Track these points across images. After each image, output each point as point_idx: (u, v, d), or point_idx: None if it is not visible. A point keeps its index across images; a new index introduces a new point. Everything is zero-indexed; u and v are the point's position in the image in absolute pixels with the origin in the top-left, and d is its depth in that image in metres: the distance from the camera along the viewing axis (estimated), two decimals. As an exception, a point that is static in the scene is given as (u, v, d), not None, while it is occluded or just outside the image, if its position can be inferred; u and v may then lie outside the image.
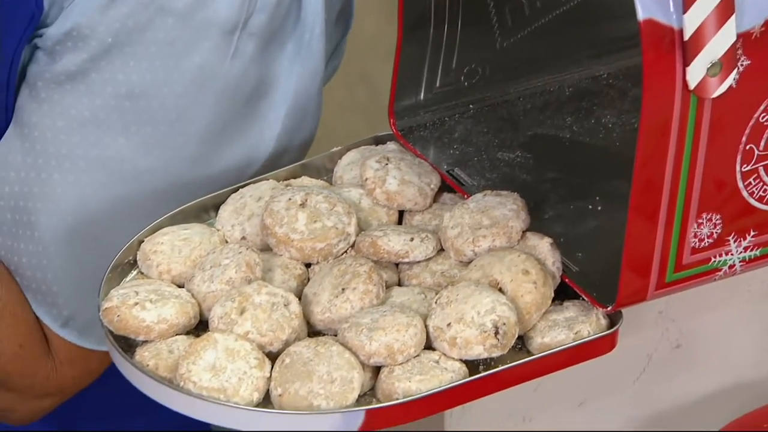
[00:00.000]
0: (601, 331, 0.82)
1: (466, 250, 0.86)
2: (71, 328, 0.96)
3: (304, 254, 0.86)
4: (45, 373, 0.97)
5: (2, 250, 0.95)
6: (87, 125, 0.93)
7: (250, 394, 0.78)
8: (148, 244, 0.87)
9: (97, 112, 0.93)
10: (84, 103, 0.93)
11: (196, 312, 0.83)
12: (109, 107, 0.92)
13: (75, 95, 0.93)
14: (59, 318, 0.95)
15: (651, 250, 0.81)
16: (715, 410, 0.91)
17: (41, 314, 0.96)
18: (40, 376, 0.97)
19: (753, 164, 0.81)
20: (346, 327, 0.82)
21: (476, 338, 0.81)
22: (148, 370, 0.80)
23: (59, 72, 0.92)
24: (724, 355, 0.93)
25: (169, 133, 0.93)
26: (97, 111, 0.93)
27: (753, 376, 0.93)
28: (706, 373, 0.92)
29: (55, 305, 0.95)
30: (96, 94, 0.92)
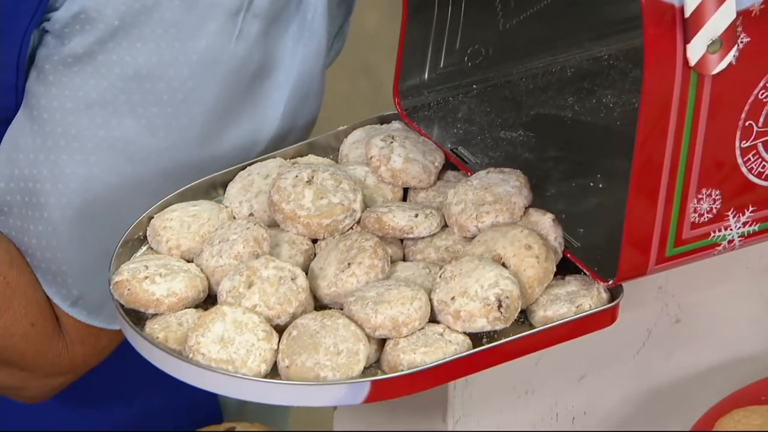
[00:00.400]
0: (602, 305, 0.81)
1: (470, 226, 0.85)
2: (81, 307, 0.96)
3: (311, 230, 0.85)
4: (56, 352, 0.97)
5: (13, 231, 0.95)
6: (94, 107, 0.92)
7: (257, 366, 0.78)
8: (157, 220, 0.86)
9: (105, 94, 0.92)
10: (91, 84, 0.92)
11: (205, 286, 0.83)
12: (116, 89, 0.92)
13: (82, 77, 0.92)
14: (69, 297, 0.95)
15: (651, 226, 0.81)
16: (713, 384, 0.90)
17: (51, 294, 0.95)
18: (51, 354, 0.97)
19: (752, 140, 0.80)
20: (352, 300, 0.81)
21: (480, 311, 0.80)
22: (158, 342, 0.79)
23: (67, 54, 0.92)
24: (723, 330, 0.92)
25: (175, 114, 0.93)
26: (104, 93, 0.92)
27: (751, 351, 0.93)
28: (705, 347, 0.92)
29: (64, 285, 0.95)
30: (103, 76, 0.92)
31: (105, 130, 0.92)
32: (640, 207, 0.80)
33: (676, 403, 0.91)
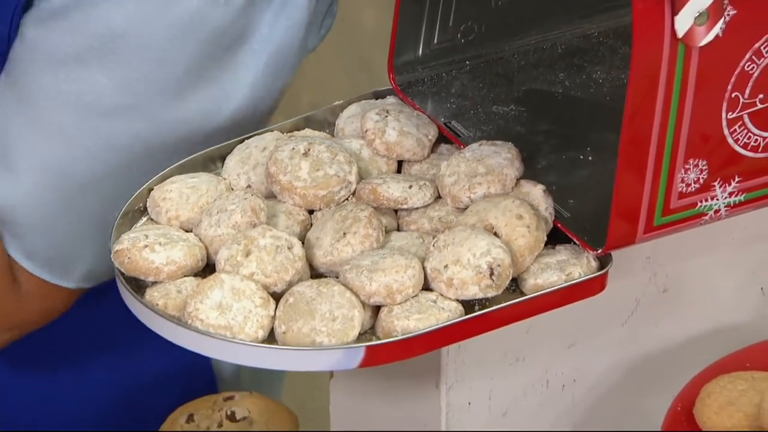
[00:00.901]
0: (591, 273, 0.81)
1: (463, 197, 0.84)
2: (35, 260, 0.94)
3: (307, 201, 0.84)
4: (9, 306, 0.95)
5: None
6: (70, 62, 0.90)
7: (255, 332, 0.77)
8: (157, 191, 0.85)
9: (80, 50, 0.90)
10: (67, 41, 0.90)
11: (204, 255, 0.82)
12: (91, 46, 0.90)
13: (58, 33, 0.90)
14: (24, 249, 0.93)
15: (639, 197, 0.80)
16: (700, 352, 0.90)
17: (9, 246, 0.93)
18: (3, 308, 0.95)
19: (738, 112, 0.79)
20: (347, 269, 0.80)
21: (472, 279, 0.79)
22: (157, 309, 0.78)
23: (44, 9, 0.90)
24: (709, 299, 0.91)
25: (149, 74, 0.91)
26: (79, 49, 0.90)
27: (735, 319, 0.92)
28: (691, 316, 0.91)
29: (23, 237, 0.93)
30: (79, 32, 0.90)
31: (78, 85, 0.91)
32: (629, 179, 0.79)
33: (663, 370, 0.90)
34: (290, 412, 1.00)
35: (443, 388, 0.86)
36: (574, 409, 0.90)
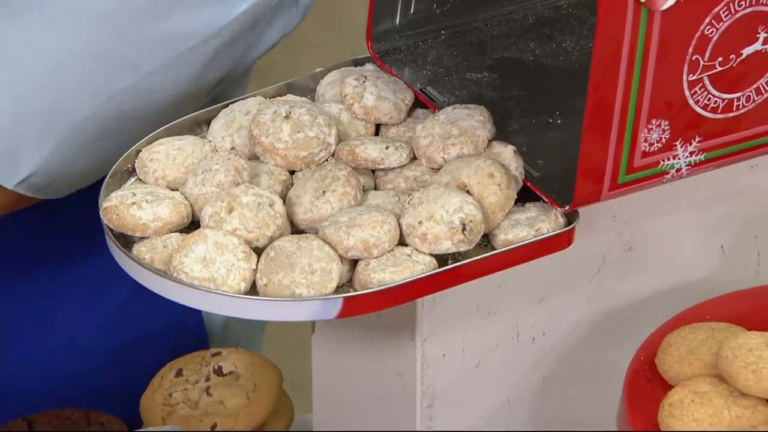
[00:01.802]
0: (559, 229, 0.80)
1: (437, 158, 0.83)
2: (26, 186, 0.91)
3: (288, 162, 0.83)
4: None
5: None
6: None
7: (237, 284, 0.76)
8: (145, 152, 0.85)
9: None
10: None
11: (189, 212, 0.81)
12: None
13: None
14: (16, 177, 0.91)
15: (604, 158, 0.79)
16: (663, 306, 0.89)
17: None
18: None
19: (698, 74, 0.79)
20: (326, 225, 0.79)
21: (445, 234, 0.78)
22: (144, 263, 0.78)
23: None
24: (672, 257, 0.91)
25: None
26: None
27: (697, 276, 0.91)
28: (655, 272, 0.90)
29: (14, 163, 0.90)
30: None
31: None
32: (594, 140, 0.78)
33: (629, 323, 0.90)
34: (275, 366, 0.99)
35: (418, 340, 0.85)
36: (543, 360, 0.89)
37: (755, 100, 0.81)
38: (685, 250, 0.91)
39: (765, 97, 0.80)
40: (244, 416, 0.94)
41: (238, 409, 0.94)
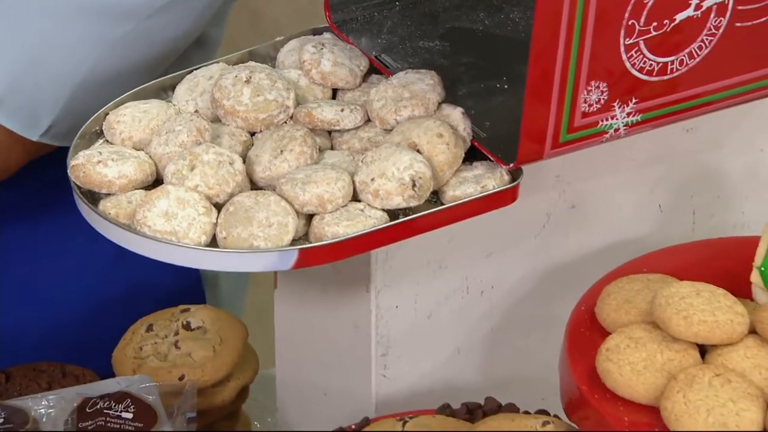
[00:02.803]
0: (504, 185, 0.80)
1: (389, 119, 0.83)
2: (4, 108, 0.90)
3: (249, 123, 0.82)
4: None
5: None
6: None
7: (198, 237, 0.75)
8: (112, 115, 0.84)
9: None
10: None
11: (153, 170, 0.80)
12: None
13: None
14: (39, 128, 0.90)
15: (546, 120, 0.78)
16: (603, 262, 0.88)
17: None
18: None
19: (634, 38, 0.78)
20: (283, 181, 0.78)
21: (396, 190, 0.78)
22: (109, 217, 0.77)
23: None
24: (612, 215, 0.90)
25: None
26: None
27: (636, 233, 0.91)
28: (597, 230, 0.90)
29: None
30: None
31: None
32: (536, 103, 0.77)
33: (572, 278, 0.89)
34: (240, 321, 0.98)
35: (373, 292, 0.84)
36: (491, 312, 0.89)
37: (688, 63, 0.80)
38: (624, 208, 0.91)
39: (697, 61, 0.80)
40: (210, 368, 0.93)
41: (204, 361, 0.94)
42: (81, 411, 0.83)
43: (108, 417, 0.83)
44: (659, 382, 0.75)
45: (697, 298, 0.77)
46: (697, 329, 0.76)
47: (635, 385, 0.75)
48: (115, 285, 1.05)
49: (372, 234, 0.76)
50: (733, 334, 0.76)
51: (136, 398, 0.85)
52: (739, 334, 0.76)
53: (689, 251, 0.86)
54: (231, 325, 0.98)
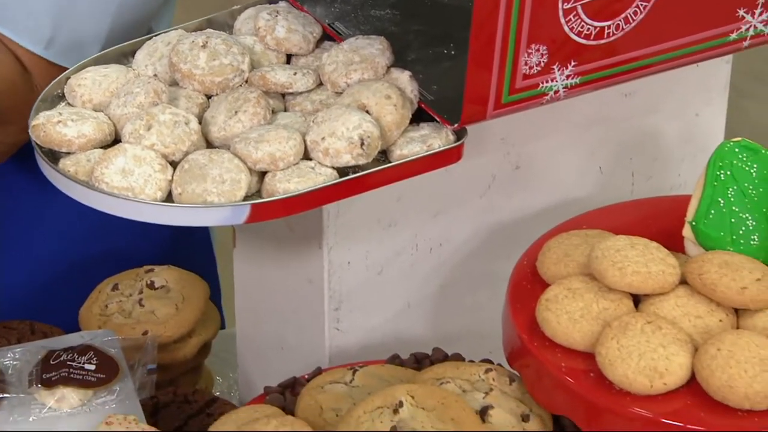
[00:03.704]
0: (449, 145, 0.79)
1: (340, 82, 0.82)
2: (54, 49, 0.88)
3: (205, 87, 0.81)
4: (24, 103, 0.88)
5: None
6: None
7: (154, 193, 0.74)
8: (73, 79, 0.82)
9: None
10: None
11: (112, 130, 0.79)
12: None
13: None
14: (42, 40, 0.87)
15: (488, 81, 0.77)
16: (546, 221, 0.88)
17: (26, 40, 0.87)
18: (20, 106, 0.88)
19: (572, 3, 0.77)
20: (237, 140, 0.77)
21: (345, 148, 0.77)
22: (69, 175, 0.75)
23: None
24: (555, 176, 0.89)
25: None
26: None
27: (577, 194, 0.90)
28: (540, 190, 0.89)
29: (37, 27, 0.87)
30: None
31: None
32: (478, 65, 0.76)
33: (516, 236, 0.88)
34: (202, 280, 0.97)
35: (325, 249, 0.83)
36: (440, 269, 0.88)
37: (624, 28, 0.79)
38: (566, 170, 0.90)
39: (633, 26, 0.79)
40: (172, 324, 0.92)
41: (167, 318, 0.93)
42: (45, 363, 0.82)
43: (71, 368, 0.82)
44: (595, 329, 0.74)
45: (632, 251, 0.77)
46: (631, 280, 0.75)
47: (572, 332, 0.75)
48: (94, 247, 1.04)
49: (322, 190, 0.75)
50: (664, 284, 0.76)
51: (98, 351, 0.84)
52: (671, 284, 0.76)
53: (626, 209, 0.86)
54: (193, 285, 0.97)
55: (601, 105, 0.88)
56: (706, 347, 0.72)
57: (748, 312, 0.75)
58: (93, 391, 0.81)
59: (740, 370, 0.70)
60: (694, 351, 0.73)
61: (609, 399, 0.72)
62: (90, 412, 0.81)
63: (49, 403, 0.80)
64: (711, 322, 0.74)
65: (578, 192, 0.91)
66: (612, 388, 0.73)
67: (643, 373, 0.71)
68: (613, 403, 0.72)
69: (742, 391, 0.70)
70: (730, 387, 0.70)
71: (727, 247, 0.78)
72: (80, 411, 0.80)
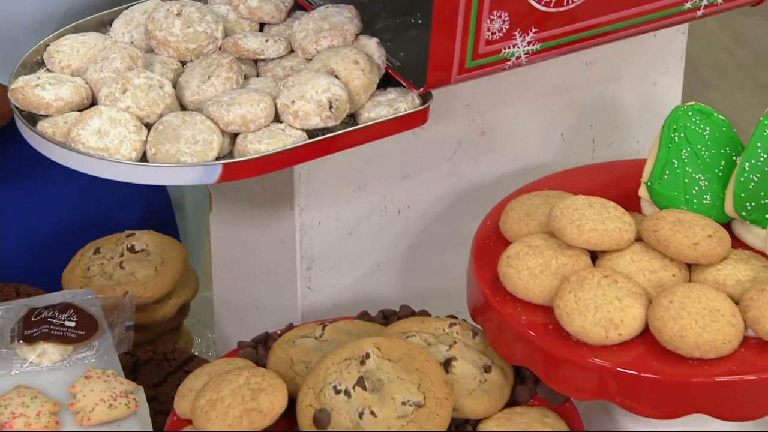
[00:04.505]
0: (415, 108, 0.78)
1: (310, 49, 0.81)
2: None
3: (180, 53, 0.80)
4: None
5: None
6: None
7: (129, 153, 0.73)
8: (52, 46, 0.81)
9: None
10: None
11: (89, 94, 0.78)
12: None
13: None
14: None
15: (452, 46, 0.76)
16: (510, 185, 0.87)
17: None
18: None
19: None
20: (209, 103, 0.76)
21: (314, 111, 0.76)
22: (47, 136, 0.74)
23: None
24: (519, 142, 0.89)
25: None
26: None
27: (540, 160, 0.90)
28: (504, 155, 0.88)
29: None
30: None
31: None
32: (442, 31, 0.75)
33: (481, 199, 0.88)
34: (181, 244, 0.96)
35: (297, 210, 0.83)
36: (408, 231, 0.87)
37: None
38: (530, 136, 0.89)
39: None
40: (152, 285, 0.91)
41: (146, 280, 0.92)
42: (27, 320, 0.81)
43: (52, 325, 0.81)
44: (554, 284, 0.74)
45: (590, 210, 0.76)
46: (588, 236, 0.75)
47: (532, 287, 0.74)
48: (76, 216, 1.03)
49: (291, 150, 0.74)
50: (620, 241, 0.75)
51: (78, 308, 0.83)
52: (626, 241, 0.76)
53: (586, 173, 0.85)
54: (172, 248, 0.97)
55: (563, 73, 0.87)
56: (659, 299, 0.72)
57: (700, 267, 0.75)
58: (73, 346, 0.80)
59: (691, 320, 0.70)
60: (648, 304, 0.73)
61: (566, 350, 0.71)
62: (70, 366, 0.80)
63: (30, 358, 0.79)
64: (664, 276, 0.74)
65: (541, 157, 0.90)
66: (569, 340, 0.72)
67: (599, 324, 0.71)
68: (571, 353, 0.71)
69: (692, 340, 0.70)
70: (682, 337, 0.70)
71: (680, 206, 0.77)
72: (60, 366, 0.79)
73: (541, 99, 0.88)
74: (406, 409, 0.71)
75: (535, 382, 0.75)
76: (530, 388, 0.75)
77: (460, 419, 0.74)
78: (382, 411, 0.71)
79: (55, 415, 0.76)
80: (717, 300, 0.71)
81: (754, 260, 0.74)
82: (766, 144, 0.76)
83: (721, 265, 0.73)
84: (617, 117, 0.92)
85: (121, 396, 0.77)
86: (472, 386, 0.74)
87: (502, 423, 0.72)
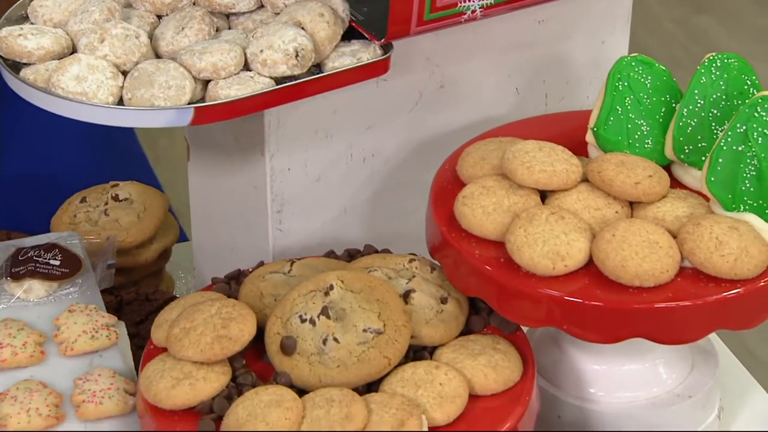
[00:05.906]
0: (377, 58, 0.76)
1: (279, 3, 0.78)
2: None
3: (156, 7, 0.78)
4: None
5: None
6: None
7: (106, 98, 0.71)
8: (36, 0, 0.78)
9: None
10: None
11: (69, 44, 0.76)
12: None
13: None
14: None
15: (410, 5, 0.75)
16: (468, 136, 0.86)
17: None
18: None
19: (487, -72, 0.75)
20: (183, 52, 0.74)
21: (281, 59, 0.74)
22: (28, 82, 0.72)
23: None
24: (476, 95, 0.87)
25: None
26: None
27: (497, 112, 0.88)
28: (463, 108, 0.87)
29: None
30: None
31: None
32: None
33: (442, 149, 0.86)
34: (162, 193, 0.95)
35: (267, 156, 0.81)
36: (373, 177, 0.86)
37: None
38: (486, 89, 0.88)
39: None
40: (134, 231, 0.90)
41: (129, 226, 0.90)
42: (14, 258, 0.80)
43: (38, 263, 0.79)
44: (505, 221, 0.73)
45: (539, 152, 0.75)
46: (538, 177, 0.74)
47: (485, 224, 0.73)
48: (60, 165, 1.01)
49: (260, 96, 0.73)
50: (568, 181, 0.74)
51: (63, 248, 0.81)
52: (573, 181, 0.74)
53: (538, 122, 0.84)
54: (154, 197, 0.95)
55: (517, 31, 0.86)
56: (603, 233, 0.71)
57: (641, 205, 0.74)
58: (57, 283, 0.79)
59: (632, 252, 0.69)
60: (592, 238, 0.72)
61: (517, 281, 0.70)
62: (54, 302, 0.78)
63: (17, 294, 0.78)
64: (608, 213, 0.73)
65: (497, 110, 0.89)
66: (520, 272, 0.71)
67: (547, 256, 0.70)
68: (521, 284, 0.70)
69: (633, 270, 0.69)
70: (623, 267, 0.69)
71: (624, 150, 0.76)
72: (46, 301, 0.78)
73: (497, 55, 0.86)
74: (367, 336, 0.70)
75: (489, 313, 0.74)
76: (484, 318, 0.74)
77: (418, 346, 0.73)
78: (344, 337, 0.70)
79: (41, 345, 0.75)
80: (656, 233, 0.70)
81: (691, 198, 0.74)
82: (702, 91, 0.75)
83: (661, 203, 0.72)
84: (568, 73, 0.90)
85: (103, 328, 0.76)
86: (429, 316, 0.73)
87: (456, 349, 0.71)
